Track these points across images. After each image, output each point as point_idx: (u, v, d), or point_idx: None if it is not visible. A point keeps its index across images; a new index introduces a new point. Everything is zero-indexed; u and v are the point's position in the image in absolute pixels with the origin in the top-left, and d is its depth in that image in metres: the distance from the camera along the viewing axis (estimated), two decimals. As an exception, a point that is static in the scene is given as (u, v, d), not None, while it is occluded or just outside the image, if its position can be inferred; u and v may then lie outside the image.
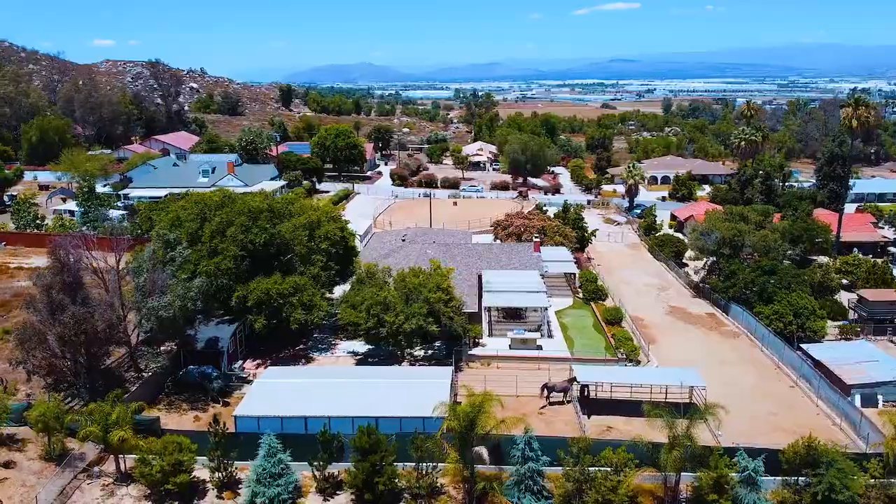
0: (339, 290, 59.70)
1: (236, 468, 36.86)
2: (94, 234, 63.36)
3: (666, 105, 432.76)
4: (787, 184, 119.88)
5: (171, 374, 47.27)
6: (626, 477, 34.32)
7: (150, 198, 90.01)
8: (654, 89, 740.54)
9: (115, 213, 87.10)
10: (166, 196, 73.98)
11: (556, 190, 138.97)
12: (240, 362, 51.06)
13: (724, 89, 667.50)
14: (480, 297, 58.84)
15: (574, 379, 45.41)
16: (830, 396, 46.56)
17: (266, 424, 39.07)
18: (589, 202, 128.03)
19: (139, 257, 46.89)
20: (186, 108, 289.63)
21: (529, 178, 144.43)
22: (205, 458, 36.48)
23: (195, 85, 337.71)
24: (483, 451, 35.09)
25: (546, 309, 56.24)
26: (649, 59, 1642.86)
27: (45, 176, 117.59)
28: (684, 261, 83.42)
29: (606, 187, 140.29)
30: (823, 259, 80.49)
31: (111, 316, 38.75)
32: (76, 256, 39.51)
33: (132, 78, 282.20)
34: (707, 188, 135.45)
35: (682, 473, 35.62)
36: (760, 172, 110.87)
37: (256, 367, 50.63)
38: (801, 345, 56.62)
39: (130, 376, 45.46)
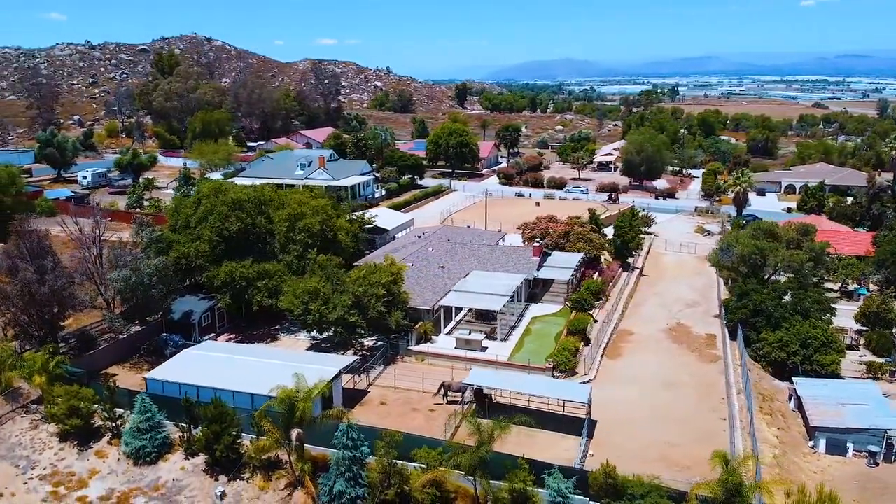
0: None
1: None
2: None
3: (882, 106, 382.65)
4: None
5: (147, 339, 54.91)
6: (424, 474, 35.30)
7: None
8: (884, 88, 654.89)
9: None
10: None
11: (669, 194, 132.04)
12: (212, 335, 57.43)
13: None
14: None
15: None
16: (753, 432, 42.44)
17: (168, 388, 44.73)
18: (696, 209, 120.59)
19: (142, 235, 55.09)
20: (366, 105, 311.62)
21: (646, 181, 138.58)
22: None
23: (379, 83, 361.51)
24: (293, 433, 37.49)
25: (501, 312, 56.18)
26: (886, 55, 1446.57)
27: (191, 163, 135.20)
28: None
29: (731, 193, 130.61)
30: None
31: (58, 282, 46.41)
32: (41, 231, 47.96)
33: (320, 77, 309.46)
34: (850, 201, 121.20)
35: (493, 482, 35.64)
36: (883, 186, 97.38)
37: (227, 340, 56.80)
38: (793, 377, 51.63)
39: (109, 337, 53.57)
